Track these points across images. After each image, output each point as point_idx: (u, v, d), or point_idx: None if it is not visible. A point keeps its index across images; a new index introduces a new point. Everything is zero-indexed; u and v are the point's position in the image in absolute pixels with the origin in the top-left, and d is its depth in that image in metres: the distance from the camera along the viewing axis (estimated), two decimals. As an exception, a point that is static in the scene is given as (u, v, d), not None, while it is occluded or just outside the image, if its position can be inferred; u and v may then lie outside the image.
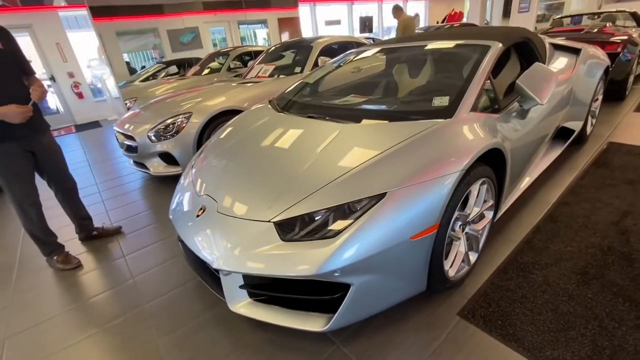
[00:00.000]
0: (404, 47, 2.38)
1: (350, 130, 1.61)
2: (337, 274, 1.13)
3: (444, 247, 1.34)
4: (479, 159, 1.39)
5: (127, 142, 3.23)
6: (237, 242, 1.28)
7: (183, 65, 8.09)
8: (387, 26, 16.02)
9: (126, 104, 5.06)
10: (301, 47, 4.36)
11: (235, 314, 1.35)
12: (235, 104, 3.21)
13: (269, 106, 2.30)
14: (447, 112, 1.52)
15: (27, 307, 1.82)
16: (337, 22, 13.24)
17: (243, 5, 10.83)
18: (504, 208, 1.85)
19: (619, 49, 4.02)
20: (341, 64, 2.59)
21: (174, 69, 8.06)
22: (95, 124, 7.14)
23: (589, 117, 2.98)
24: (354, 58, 2.58)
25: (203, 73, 6.05)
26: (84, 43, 7.98)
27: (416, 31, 10.18)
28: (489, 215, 1.67)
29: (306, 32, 12.78)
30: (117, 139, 3.44)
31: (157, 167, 3.14)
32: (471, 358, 1.27)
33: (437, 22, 14.43)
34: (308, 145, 1.60)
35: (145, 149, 3.06)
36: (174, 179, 3.30)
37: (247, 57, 6.58)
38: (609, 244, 1.79)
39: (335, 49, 4.29)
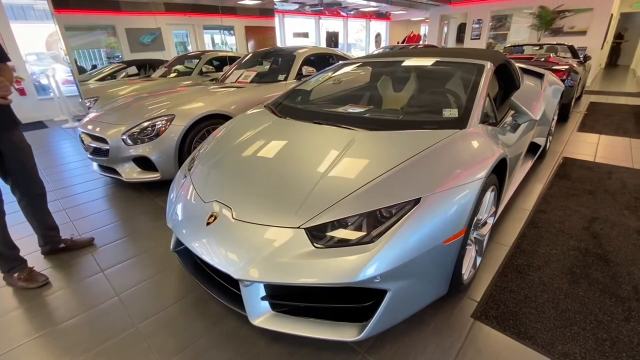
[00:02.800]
0: (399, 61, 2.48)
1: (365, 137, 1.63)
2: (377, 280, 1.11)
3: (465, 251, 1.39)
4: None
5: (95, 145, 2.93)
6: (261, 250, 1.21)
7: (144, 66, 7.63)
8: (349, 43, 16.65)
9: (86, 103, 4.62)
10: (282, 56, 4.35)
11: (244, 328, 1.27)
12: (220, 108, 3.09)
13: (267, 111, 2.25)
14: (461, 123, 1.60)
15: (-16, 334, 1.53)
16: (305, 35, 13.47)
17: (219, 10, 10.57)
18: (498, 214, 1.98)
19: (564, 76, 4.58)
20: (335, 74, 2.62)
21: (133, 69, 7.56)
22: (39, 125, 6.39)
23: (549, 135, 3.34)
24: (347, 69, 2.63)
25: (170, 75, 5.75)
26: (29, 35, 7.19)
27: (379, 50, 10.69)
28: (491, 220, 1.78)
29: (275, 42, 12.79)
30: (82, 141, 3.10)
31: (130, 172, 2.89)
32: (493, 357, 1.31)
33: (398, 42, 15.32)
34: (323, 151, 1.58)
35: (119, 152, 2.80)
36: (148, 186, 3.06)
37: (217, 62, 6.39)
38: (586, 246, 1.99)
39: (314, 60, 4.35)
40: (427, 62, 2.38)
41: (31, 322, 1.59)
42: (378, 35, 17.08)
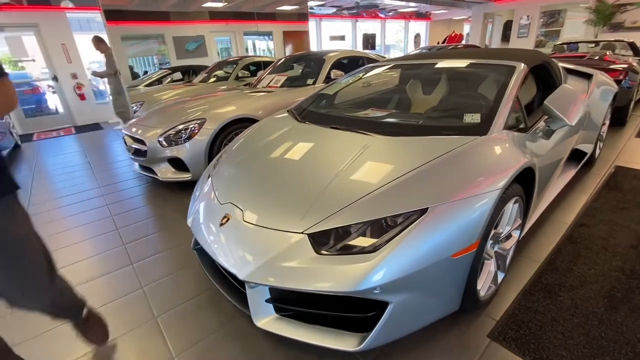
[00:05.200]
0: (425, 64, 2.41)
1: (379, 142, 1.60)
2: (377, 291, 1.08)
3: (479, 266, 1.31)
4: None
5: (135, 146, 3.17)
6: (266, 253, 1.23)
7: (188, 72, 8.11)
8: (388, 44, 16.40)
9: (132, 107, 5.01)
10: (313, 60, 4.40)
11: (254, 329, 1.29)
12: (248, 112, 3.20)
13: (288, 115, 2.29)
14: (481, 129, 1.52)
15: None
16: (342, 38, 13.50)
17: (255, 17, 10.99)
18: (527, 227, 1.84)
19: (621, 76, 4.14)
20: (359, 78, 2.60)
21: (178, 75, 8.07)
22: (95, 126, 7.05)
23: (598, 141, 3.03)
24: (372, 72, 2.60)
25: (210, 81, 6.05)
26: (90, 45, 7.97)
27: (417, 51, 10.40)
28: (516, 234, 1.66)
29: (312, 46, 12.98)
30: (125, 142, 3.38)
31: (165, 172, 3.08)
32: (507, 383, 1.22)
33: (438, 43, 14.81)
34: (337, 156, 1.57)
35: (155, 153, 3.00)
36: (180, 185, 3.25)
37: (253, 67, 6.62)
38: (631, 267, 1.78)
39: (345, 63, 4.34)
40: (456, 64, 2.28)
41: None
42: (417, 36, 16.64)
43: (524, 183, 1.59)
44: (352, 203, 1.26)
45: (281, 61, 4.66)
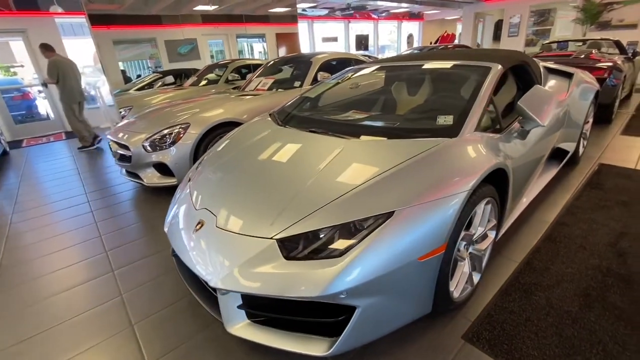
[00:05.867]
0: (405, 65, 2.42)
1: (354, 146, 1.60)
2: (343, 296, 1.09)
3: (450, 269, 1.32)
4: (484, 179, 1.39)
5: (121, 151, 3.16)
6: (236, 260, 1.23)
7: (180, 75, 8.10)
8: (381, 45, 16.46)
9: (121, 112, 5.00)
10: (300, 62, 4.41)
11: (229, 335, 1.29)
12: (234, 115, 3.20)
13: (270, 119, 2.29)
14: (452, 131, 1.53)
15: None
16: (334, 40, 13.53)
17: (243, 19, 10.99)
18: (504, 228, 1.85)
19: (605, 75, 4.18)
20: (342, 80, 2.61)
21: (170, 79, 8.07)
22: (86, 132, 7.01)
23: (581, 139, 3.06)
24: (354, 75, 2.61)
25: (200, 84, 6.04)
26: (80, 50, 7.95)
27: (409, 51, 10.45)
28: (492, 235, 1.67)
29: (304, 48, 13.01)
30: (110, 148, 3.37)
31: (151, 177, 3.07)
32: (478, 384, 1.23)
33: (431, 43, 14.88)
34: (311, 160, 1.58)
35: (140, 158, 2.99)
36: (167, 190, 3.24)
37: (245, 69, 6.62)
38: (608, 265, 1.79)
39: (334, 65, 4.35)
40: (435, 66, 2.28)
41: (33, 322, 1.74)
42: (410, 36, 16.71)
43: (498, 184, 1.60)
44: (322, 207, 1.26)
45: (269, 64, 4.66)
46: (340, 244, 1.16)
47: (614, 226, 2.15)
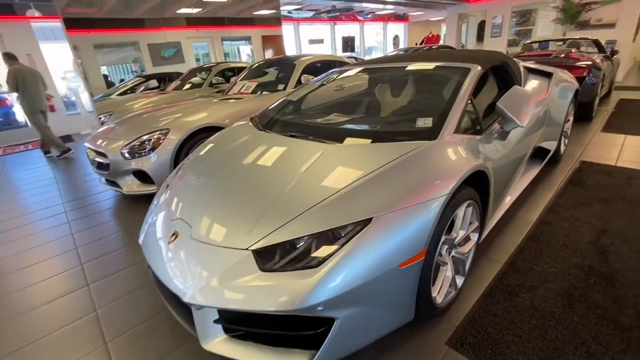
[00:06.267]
0: (386, 67, 2.40)
1: (334, 150, 1.57)
2: (320, 308, 1.05)
3: (431, 274, 1.29)
4: (464, 181, 1.37)
5: (99, 159, 3.06)
6: (211, 273, 1.18)
7: (164, 79, 7.95)
8: (368, 46, 16.55)
9: (100, 118, 4.87)
10: (284, 65, 4.37)
11: (208, 351, 1.23)
12: (216, 120, 3.13)
13: (250, 124, 2.24)
14: (431, 134, 1.51)
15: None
16: (320, 41, 13.54)
17: (225, 22, 10.88)
18: (487, 229, 1.84)
19: (585, 73, 4.26)
20: (324, 83, 2.58)
21: (154, 82, 7.92)
22: (67, 139, 6.82)
23: (562, 137, 3.10)
24: (336, 77, 2.58)
25: (184, 88, 5.94)
26: (59, 55, 7.73)
27: (394, 52, 10.52)
28: (474, 237, 1.65)
29: (290, 50, 12.98)
30: (88, 156, 3.26)
31: (131, 185, 2.98)
32: (462, 392, 1.20)
33: (416, 44, 15.02)
34: (290, 166, 1.54)
35: (118, 166, 2.90)
36: (148, 198, 3.13)
37: (229, 72, 6.54)
38: (590, 264, 1.80)
39: (318, 67, 4.32)
40: (416, 67, 2.27)
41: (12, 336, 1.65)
42: (396, 38, 16.85)
43: (479, 186, 1.58)
44: (300, 214, 1.22)
45: (253, 67, 4.60)
46: (317, 253, 1.12)
47: (595, 223, 2.17)
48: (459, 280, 1.60)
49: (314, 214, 1.21)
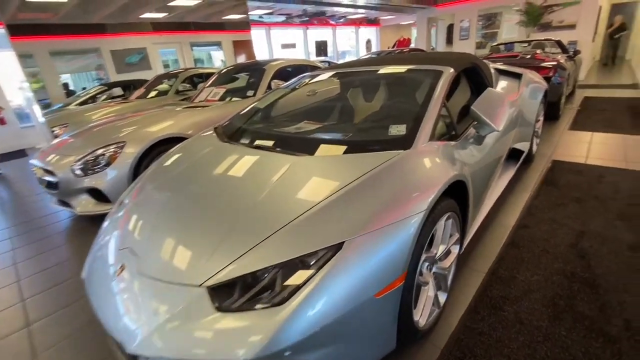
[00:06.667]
0: (356, 71, 2.29)
1: (302, 163, 1.42)
2: (288, 353, 0.89)
3: (412, 298, 1.17)
4: (442, 192, 1.26)
5: (47, 178, 2.76)
6: (158, 316, 1.00)
7: (129, 87, 7.53)
8: (341, 50, 16.62)
9: (54, 130, 4.49)
10: (254, 70, 4.19)
11: None
12: (179, 130, 2.92)
13: (214, 134, 2.06)
14: (406, 142, 1.39)
15: None
16: (293, 46, 13.43)
17: (193, 27, 10.56)
18: (468, 238, 1.75)
19: (551, 73, 4.36)
20: (294, 88, 2.44)
21: (118, 91, 7.49)
22: (20, 153, 6.30)
23: (534, 137, 3.11)
24: (307, 82, 2.45)
25: (149, 96, 5.61)
26: (12, 63, 7.15)
27: (367, 56, 10.58)
28: (456, 250, 1.55)
29: (263, 55, 12.79)
30: (36, 174, 2.94)
31: (86, 205, 2.70)
32: None
33: (388, 47, 15.23)
34: (254, 183, 1.38)
35: (69, 185, 2.62)
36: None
37: (198, 79, 6.26)
38: (572, 269, 1.75)
39: (289, 72, 4.18)
40: (387, 71, 2.17)
41: None
42: (368, 42, 17.04)
43: (458, 195, 1.49)
44: (263, 241, 1.06)
45: (222, 72, 4.40)
46: (282, 288, 0.97)
47: (572, 225, 2.14)
48: (442, 297, 1.49)
49: (279, 240, 1.06)
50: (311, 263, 0.99)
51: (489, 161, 1.90)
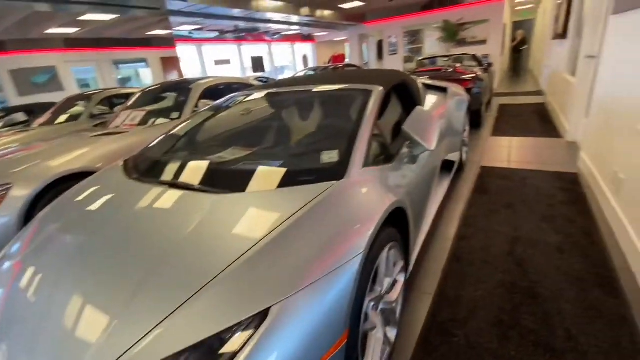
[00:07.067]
0: (286, 92, 2.15)
1: (221, 204, 1.21)
2: None
3: (358, 352, 1.02)
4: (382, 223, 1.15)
5: None
6: None
7: (32, 111, 6.55)
8: (280, 65, 16.64)
9: None
10: (180, 90, 3.85)
11: None
12: (85, 164, 2.49)
13: (120, 170, 1.74)
14: (338, 171, 1.26)
15: None
16: (227, 62, 13.06)
17: (113, 43, 9.71)
18: (413, 261, 1.68)
19: (471, 85, 4.73)
20: (219, 110, 2.22)
21: (21, 116, 6.48)
22: None
23: (463, 147, 3.27)
24: (234, 103, 2.24)
25: (57, 121, 4.88)
26: None
27: (304, 71, 10.69)
28: (402, 278, 1.45)
29: (195, 73, 12.21)
30: None
31: (-41, 265, 2.13)
32: None
33: (324, 63, 15.64)
34: (161, 235, 1.12)
35: None
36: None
37: (121, 100, 5.64)
38: (512, 279, 1.77)
39: (221, 90, 3.92)
40: (317, 92, 2.06)
41: None
42: (305, 57, 17.34)
43: (398, 219, 1.40)
44: (167, 318, 0.83)
45: (142, 93, 3.98)
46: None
47: (506, 231, 2.21)
48: (392, 333, 1.37)
49: (188, 313, 0.84)
50: (229, 338, 0.79)
51: (425, 178, 1.88)
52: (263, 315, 0.81)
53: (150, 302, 0.88)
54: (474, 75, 4.88)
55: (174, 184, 1.43)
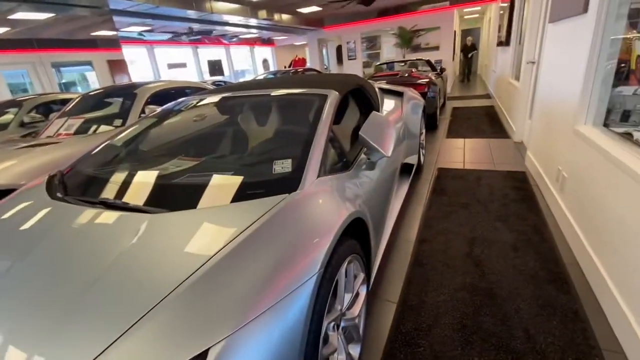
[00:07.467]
0: (238, 96, 2.02)
1: (160, 225, 1.06)
2: None
3: (317, 382, 0.93)
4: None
5: None
6: None
7: (-50, 121, 5.73)
8: (240, 69, 16.25)
9: None
10: (124, 95, 3.55)
11: None
12: (8, 181, 2.17)
13: (44, 187, 1.51)
14: (292, 182, 1.17)
15: None
16: (183, 65, 12.50)
17: (50, 44, 8.88)
18: (374, 271, 1.62)
19: (425, 89, 4.89)
20: (164, 116, 2.03)
21: None
22: None
23: (420, 149, 3.33)
24: (180, 108, 2.07)
25: (-21, 132, 4.29)
26: None
27: (264, 75, 10.52)
28: (364, 290, 1.39)
29: (148, 76, 11.53)
30: None
31: None
32: None
33: (285, 67, 15.53)
34: (87, 264, 0.96)
35: None
36: None
37: (57, 106, 5.11)
38: (471, 281, 1.78)
39: (171, 94, 3.68)
40: (271, 96, 1.96)
41: None
42: (265, 61, 17.12)
43: (357, 228, 1.34)
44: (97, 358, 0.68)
45: (80, 99, 3.61)
46: None
47: (464, 232, 2.25)
48: (355, 351, 1.30)
49: (116, 356, 0.69)
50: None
51: (384, 184, 1.85)
52: (200, 358, 0.69)
53: (67, 349, 0.73)
54: (428, 79, 5.04)
55: (108, 204, 1.25)
